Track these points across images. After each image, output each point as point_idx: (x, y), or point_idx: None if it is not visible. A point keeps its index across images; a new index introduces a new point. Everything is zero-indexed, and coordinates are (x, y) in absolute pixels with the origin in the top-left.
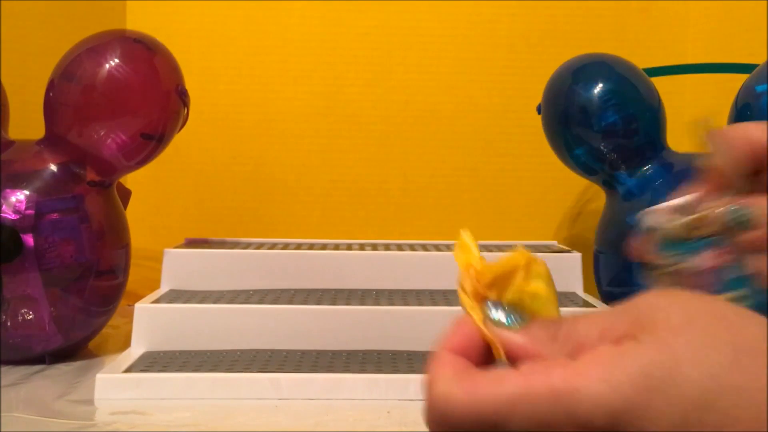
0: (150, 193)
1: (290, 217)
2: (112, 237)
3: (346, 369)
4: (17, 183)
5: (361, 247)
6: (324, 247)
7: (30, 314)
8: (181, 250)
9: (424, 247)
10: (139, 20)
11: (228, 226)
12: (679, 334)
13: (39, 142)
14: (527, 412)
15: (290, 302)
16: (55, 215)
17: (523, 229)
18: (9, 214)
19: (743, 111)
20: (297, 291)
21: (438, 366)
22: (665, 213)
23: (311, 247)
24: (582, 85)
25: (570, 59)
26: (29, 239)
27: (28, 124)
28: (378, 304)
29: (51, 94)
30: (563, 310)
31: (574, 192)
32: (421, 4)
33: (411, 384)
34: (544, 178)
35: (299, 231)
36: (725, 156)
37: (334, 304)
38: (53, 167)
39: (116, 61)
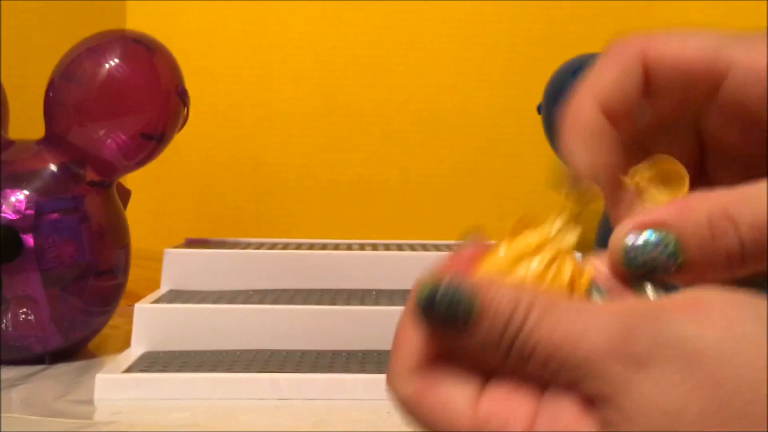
0: (150, 193)
1: (290, 217)
2: (112, 237)
3: (346, 369)
4: (17, 183)
5: (361, 247)
6: (324, 247)
7: (30, 314)
8: (181, 250)
9: (424, 247)
10: (138, 20)
11: (228, 226)
12: None
13: (39, 142)
14: None
15: (290, 302)
16: (54, 215)
17: None
18: (9, 214)
19: None
20: (297, 291)
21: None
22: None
23: (311, 247)
24: None
25: (570, 59)
26: (29, 239)
27: (28, 124)
28: (378, 304)
29: (51, 94)
30: None
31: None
32: (421, 4)
33: None
34: (544, 177)
35: (299, 231)
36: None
37: (334, 304)
38: (53, 167)
39: (116, 61)
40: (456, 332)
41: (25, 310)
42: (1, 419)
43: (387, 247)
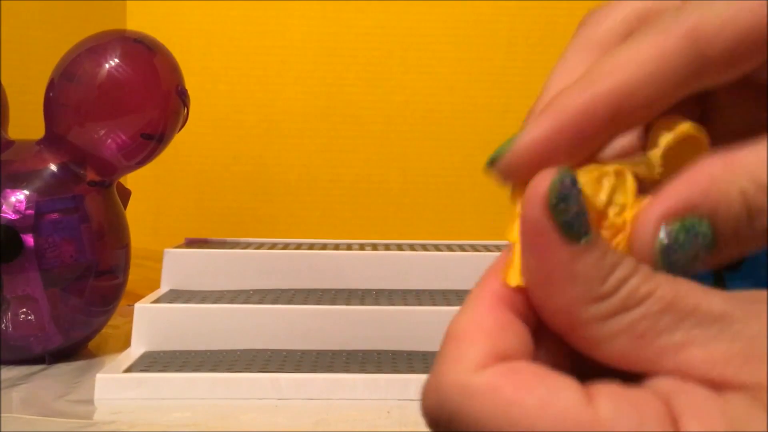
0: (150, 193)
1: (290, 217)
2: (112, 237)
3: (346, 369)
4: (17, 183)
5: (361, 247)
6: (324, 247)
7: (30, 314)
8: (181, 250)
9: (424, 247)
10: (139, 20)
11: (228, 226)
12: None
13: (39, 142)
14: None
15: (290, 302)
16: (55, 215)
17: None
18: (9, 214)
19: None
20: (297, 291)
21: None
22: None
23: (311, 247)
24: None
25: None
26: (29, 239)
27: (28, 124)
28: (378, 304)
29: (51, 94)
30: None
31: None
32: (421, 4)
33: (411, 384)
34: None
35: (299, 231)
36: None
37: (333, 304)
38: (53, 167)
39: (116, 61)
40: (571, 239)
41: (25, 309)
42: (1, 419)
43: (387, 247)
